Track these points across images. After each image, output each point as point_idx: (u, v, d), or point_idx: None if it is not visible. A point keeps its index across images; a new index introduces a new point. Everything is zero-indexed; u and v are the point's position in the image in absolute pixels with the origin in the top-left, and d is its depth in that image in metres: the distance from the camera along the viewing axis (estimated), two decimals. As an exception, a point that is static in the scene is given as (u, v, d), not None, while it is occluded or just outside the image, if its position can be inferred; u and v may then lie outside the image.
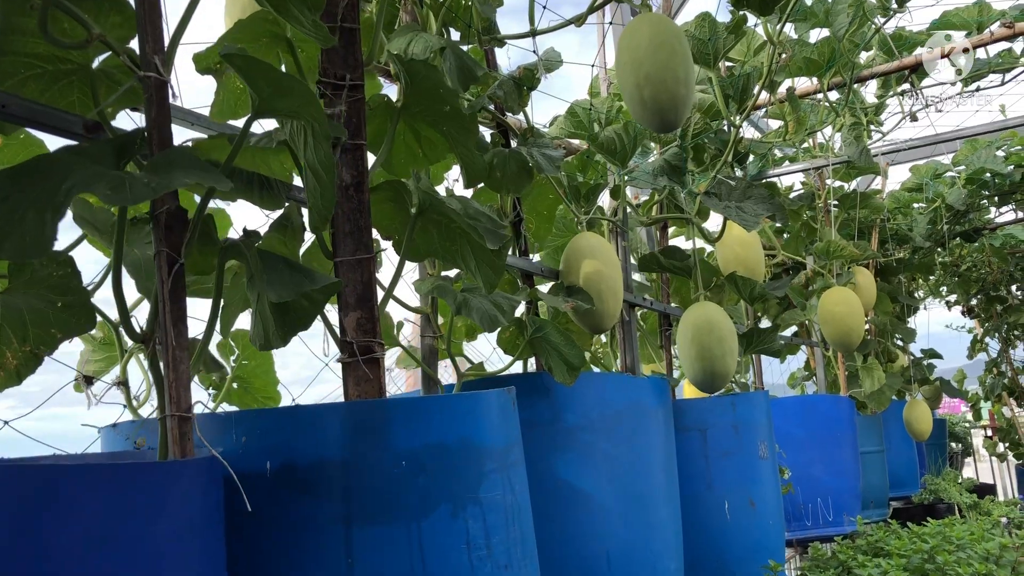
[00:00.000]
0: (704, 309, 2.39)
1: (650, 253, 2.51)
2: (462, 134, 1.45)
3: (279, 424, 1.30)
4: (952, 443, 8.41)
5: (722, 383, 2.39)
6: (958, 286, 6.99)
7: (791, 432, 4.11)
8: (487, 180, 2.06)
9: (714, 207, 2.42)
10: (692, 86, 1.64)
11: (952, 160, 4.96)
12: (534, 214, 2.38)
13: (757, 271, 2.97)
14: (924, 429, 5.09)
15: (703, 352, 2.35)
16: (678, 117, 1.63)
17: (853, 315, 3.09)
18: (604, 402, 2.13)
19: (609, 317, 2.15)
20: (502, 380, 2.06)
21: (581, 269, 2.14)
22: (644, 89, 1.62)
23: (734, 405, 2.93)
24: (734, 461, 2.91)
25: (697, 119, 2.54)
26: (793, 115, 3.09)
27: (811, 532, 4.01)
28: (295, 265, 1.05)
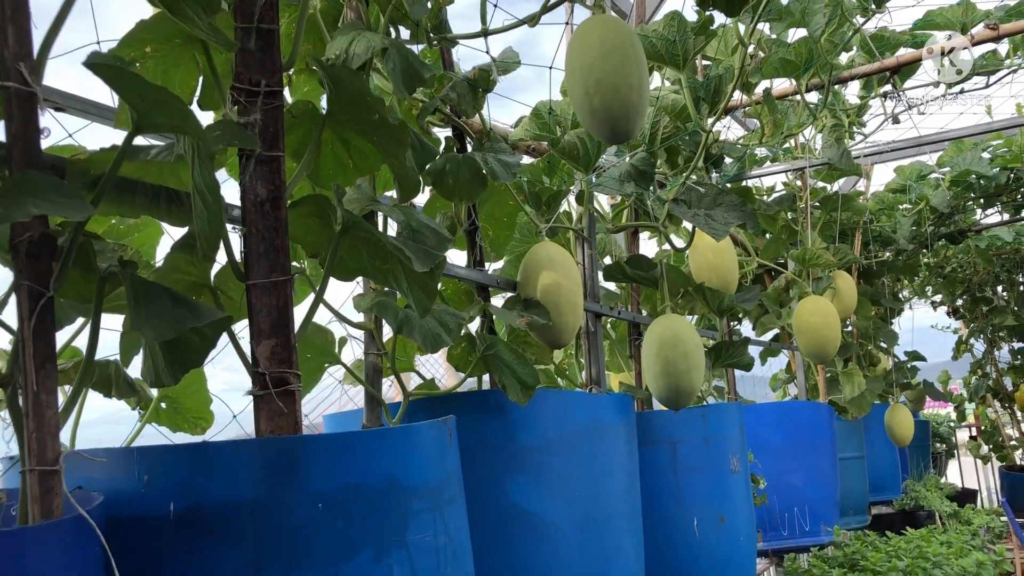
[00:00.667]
0: (670, 322, 2.29)
1: (615, 262, 2.41)
2: (392, 145, 1.34)
3: (184, 462, 1.19)
4: (936, 443, 8.36)
5: (687, 400, 2.29)
6: (943, 287, 6.92)
7: (768, 439, 4.02)
8: (438, 187, 1.95)
9: (682, 215, 2.31)
10: (646, 94, 1.53)
11: (937, 161, 4.87)
12: (493, 221, 2.26)
13: (730, 278, 2.87)
14: (905, 435, 5.01)
15: (667, 367, 2.24)
16: (631, 127, 1.52)
17: (829, 326, 3.00)
18: (562, 421, 2.02)
19: (567, 332, 2.04)
20: (452, 399, 1.95)
21: (539, 281, 2.03)
22: (594, 97, 1.51)
23: (705, 417, 2.83)
24: (704, 476, 2.81)
25: (667, 122, 2.44)
26: (769, 117, 2.98)
27: (787, 542, 3.92)
28: (180, 298, 0.94)
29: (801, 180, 4.40)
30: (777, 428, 4.02)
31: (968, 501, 6.29)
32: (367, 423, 1.80)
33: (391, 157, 1.36)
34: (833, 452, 4.15)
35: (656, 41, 2.25)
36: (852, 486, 4.79)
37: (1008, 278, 6.93)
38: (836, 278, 4.11)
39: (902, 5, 3.00)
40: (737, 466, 2.91)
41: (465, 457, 1.97)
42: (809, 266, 3.04)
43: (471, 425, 1.97)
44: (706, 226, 2.32)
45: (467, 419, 1.99)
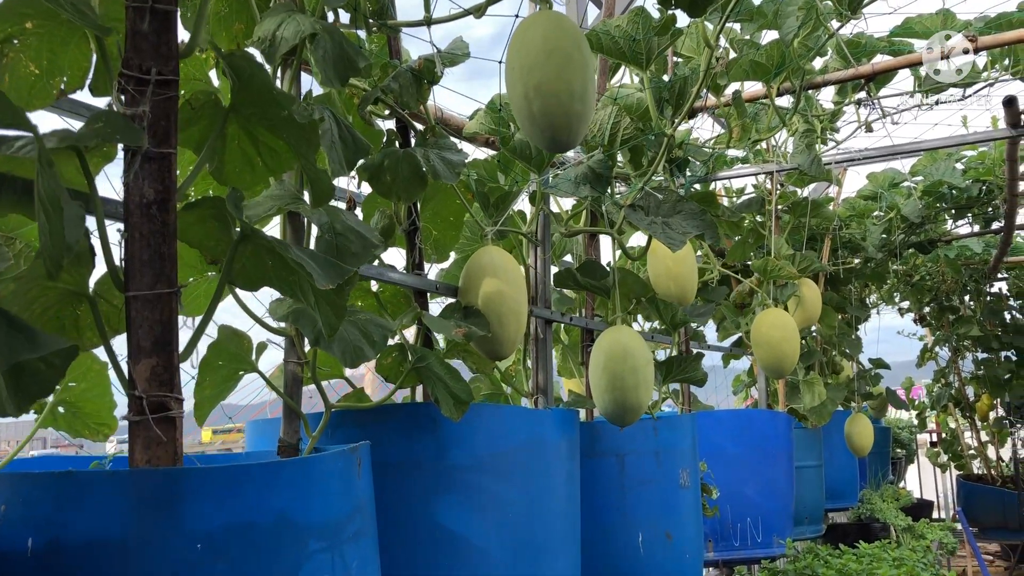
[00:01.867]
0: (619, 334, 2.17)
1: (566, 269, 2.29)
2: (302, 145, 1.21)
3: (46, 492, 1.06)
4: (897, 449, 8.35)
5: (633, 417, 2.18)
6: (911, 294, 6.88)
7: (724, 447, 3.93)
8: (375, 184, 1.82)
9: (638, 222, 2.20)
10: (591, 101, 1.41)
11: (910, 170, 4.79)
12: (438, 220, 2.14)
13: (689, 286, 2.76)
14: (865, 445, 4.96)
15: (614, 382, 2.13)
16: (572, 136, 1.40)
17: (788, 340, 2.90)
18: (498, 437, 1.91)
19: (509, 343, 1.92)
20: (382, 411, 1.83)
21: (480, 289, 1.91)
22: (533, 102, 1.38)
23: (656, 430, 2.73)
24: (652, 490, 2.72)
25: (628, 123, 2.31)
26: (738, 121, 2.87)
27: (738, 553, 3.85)
28: (17, 323, 0.81)
29: (771, 182, 4.31)
30: (734, 436, 3.94)
31: (925, 513, 6.28)
32: (284, 437, 1.67)
33: (302, 158, 1.23)
34: (789, 463, 4.07)
35: (619, 37, 2.13)
36: (808, 495, 4.73)
37: (975, 288, 6.89)
38: (801, 286, 4.03)
39: (879, 12, 2.89)
40: (687, 481, 2.81)
41: (391, 475, 1.85)
42: (770, 277, 2.94)
43: (400, 440, 1.85)
44: (663, 235, 2.21)
45: (396, 434, 1.87)
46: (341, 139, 1.61)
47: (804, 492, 4.66)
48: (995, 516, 6.86)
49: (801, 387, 4.36)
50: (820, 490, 4.84)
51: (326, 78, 1.56)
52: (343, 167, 1.57)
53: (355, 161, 1.62)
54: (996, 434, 7.15)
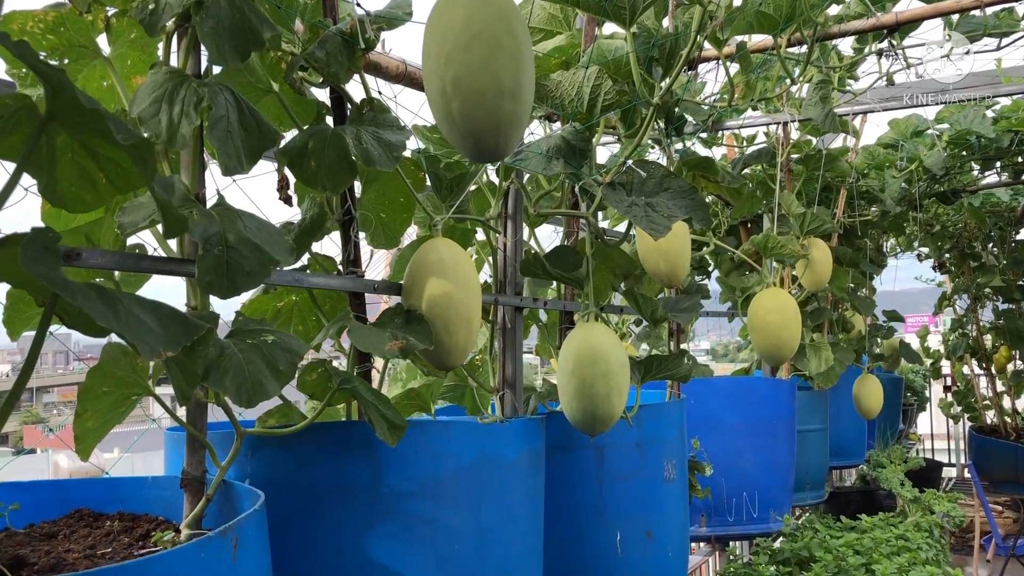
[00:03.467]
0: (589, 335, 1.92)
1: (533, 256, 2.02)
2: (138, 163, 0.94)
3: None
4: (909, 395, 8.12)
5: (603, 427, 1.94)
6: (930, 241, 6.56)
7: (723, 418, 3.71)
8: (297, 171, 1.56)
9: (617, 204, 1.92)
10: (526, 98, 1.13)
11: (936, 116, 4.43)
12: (386, 202, 1.87)
13: (680, 263, 2.49)
14: (873, 408, 4.72)
15: (583, 389, 1.89)
16: (501, 143, 1.12)
17: (787, 326, 2.63)
18: (443, 458, 1.68)
19: (458, 353, 1.67)
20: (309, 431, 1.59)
21: (425, 291, 1.65)
22: (452, 100, 1.10)
23: (640, 419, 2.50)
24: (634, 485, 2.50)
25: (609, 87, 2.02)
26: (742, 77, 2.56)
27: (732, 529, 3.65)
28: None
29: (783, 132, 3.98)
30: (732, 406, 3.71)
31: (934, 475, 6.08)
32: (187, 468, 1.44)
33: (145, 179, 0.97)
34: (791, 434, 3.85)
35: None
36: (811, 460, 4.52)
37: (1000, 235, 6.56)
38: (811, 246, 3.74)
39: (906, -45, 2.55)
40: (673, 473, 2.59)
41: (321, 504, 1.63)
42: (771, 255, 2.66)
43: (330, 464, 1.62)
44: (644, 220, 1.93)
45: (326, 456, 1.64)
46: (242, 126, 1.34)
47: (807, 456, 4.45)
48: (1007, 471, 6.66)
49: (807, 351, 4.10)
50: (824, 454, 4.63)
51: (219, 55, 1.29)
52: (241, 161, 1.31)
53: (259, 151, 1.35)
54: (1013, 387, 6.89)
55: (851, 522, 3.94)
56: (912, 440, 9.33)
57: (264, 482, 1.61)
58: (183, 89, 1.30)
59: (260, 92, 1.66)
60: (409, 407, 2.12)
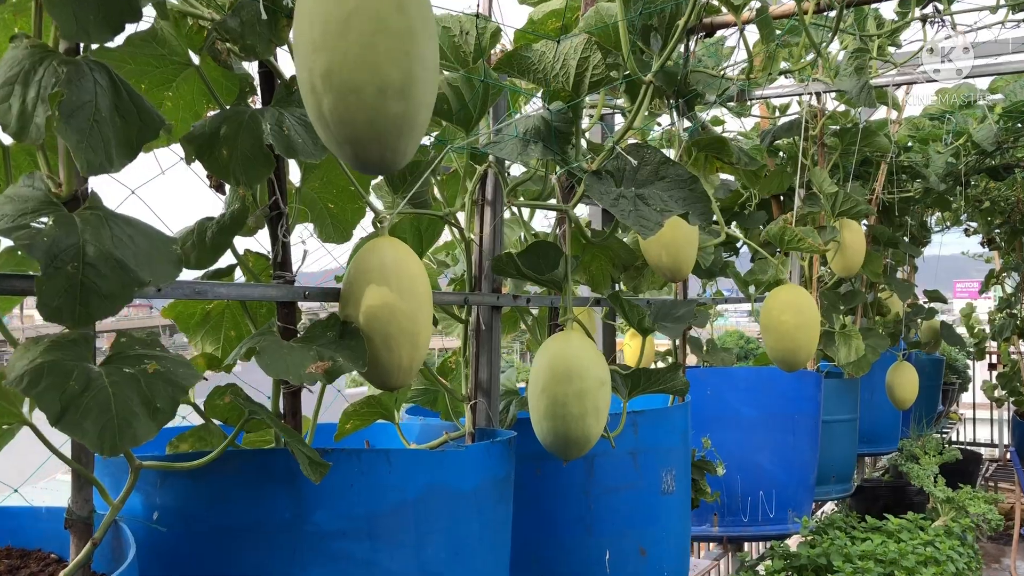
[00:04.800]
0: (565, 346, 1.68)
1: (506, 254, 1.78)
2: None
3: None
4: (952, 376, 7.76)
5: (578, 451, 1.71)
6: (979, 216, 6.17)
7: (740, 412, 3.46)
8: (207, 162, 1.33)
9: (601, 197, 1.67)
10: (421, 96, 0.89)
11: (989, 87, 4.07)
12: (332, 190, 1.64)
13: (684, 257, 2.24)
14: (907, 398, 4.43)
15: (555, 409, 1.66)
16: (387, 155, 0.88)
17: (804, 328, 2.35)
18: (382, 491, 1.47)
19: (400, 372, 1.45)
20: (224, 460, 1.38)
21: (363, 301, 1.42)
22: (323, 98, 0.86)
23: (636, 425, 2.27)
24: (627, 497, 2.27)
25: (598, 61, 1.75)
26: (763, 47, 2.27)
27: (746, 530, 3.42)
28: None
29: (818, 102, 3.67)
30: (751, 399, 3.45)
31: (970, 469, 5.76)
32: (72, 508, 1.25)
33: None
34: (814, 429, 3.58)
35: None
36: (838, 451, 4.26)
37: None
38: (842, 229, 3.44)
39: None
40: (672, 485, 2.36)
41: (237, 544, 1.43)
42: (788, 248, 2.38)
43: (248, 498, 1.41)
44: (632, 216, 1.68)
45: (243, 488, 1.43)
46: (118, 113, 1.12)
47: (834, 448, 4.19)
48: (1051, 459, 6.32)
49: (836, 339, 3.82)
50: (852, 446, 4.36)
51: (78, 28, 1.06)
52: (110, 157, 1.09)
53: (137, 143, 1.13)
54: (1062, 372, 6.52)
55: (876, 522, 3.68)
56: (953, 420, 8.97)
57: (174, 517, 1.41)
58: (42, 68, 1.08)
59: (176, 66, 1.43)
60: (369, 415, 1.91)
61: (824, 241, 3.35)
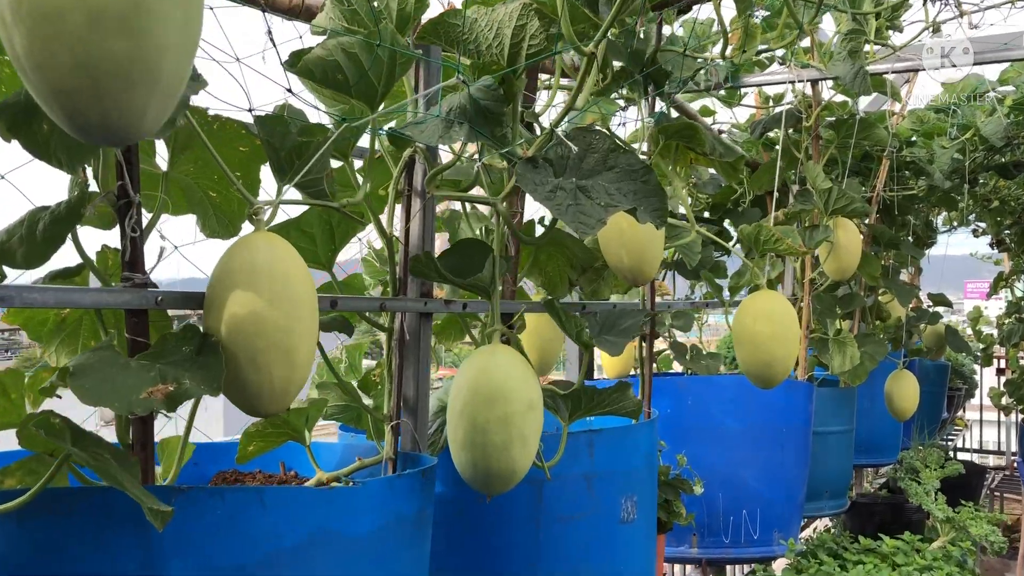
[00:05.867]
0: (490, 362, 1.43)
1: (425, 253, 1.53)
2: None
3: None
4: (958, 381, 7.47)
5: (503, 486, 1.47)
6: (988, 216, 5.89)
7: (723, 424, 3.20)
8: (24, 140, 1.08)
9: (534, 189, 1.41)
10: (161, 32, 0.64)
11: (999, 78, 3.79)
12: (214, 176, 1.39)
13: (648, 258, 1.99)
14: (907, 408, 4.17)
15: (474, 436, 1.41)
16: (110, 115, 0.63)
17: (780, 339, 2.08)
18: (255, 538, 1.22)
19: (273, 396, 1.20)
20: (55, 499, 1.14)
21: (226, 309, 1.17)
22: (14, 31, 0.60)
23: (591, 445, 2.02)
24: (580, 527, 2.02)
25: (536, 29, 1.50)
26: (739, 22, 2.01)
27: (728, 552, 3.17)
28: None
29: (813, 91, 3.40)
30: (736, 409, 3.19)
31: (974, 483, 5.49)
32: None
33: None
34: (804, 443, 3.33)
35: None
36: (832, 465, 4.00)
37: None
38: (837, 228, 3.19)
39: None
40: (633, 513, 2.10)
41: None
42: (764, 251, 2.12)
43: (84, 546, 1.17)
44: (572, 209, 1.43)
45: (78, 535, 1.19)
46: None
47: (827, 461, 3.93)
48: (1060, 471, 6.04)
49: (830, 347, 3.56)
50: (847, 460, 4.09)
51: None
52: None
53: None
54: (1073, 381, 6.24)
55: (870, 543, 3.42)
56: (959, 426, 8.69)
57: (-6, 567, 1.17)
58: None
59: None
60: (275, 436, 1.66)
61: (816, 241, 3.09)
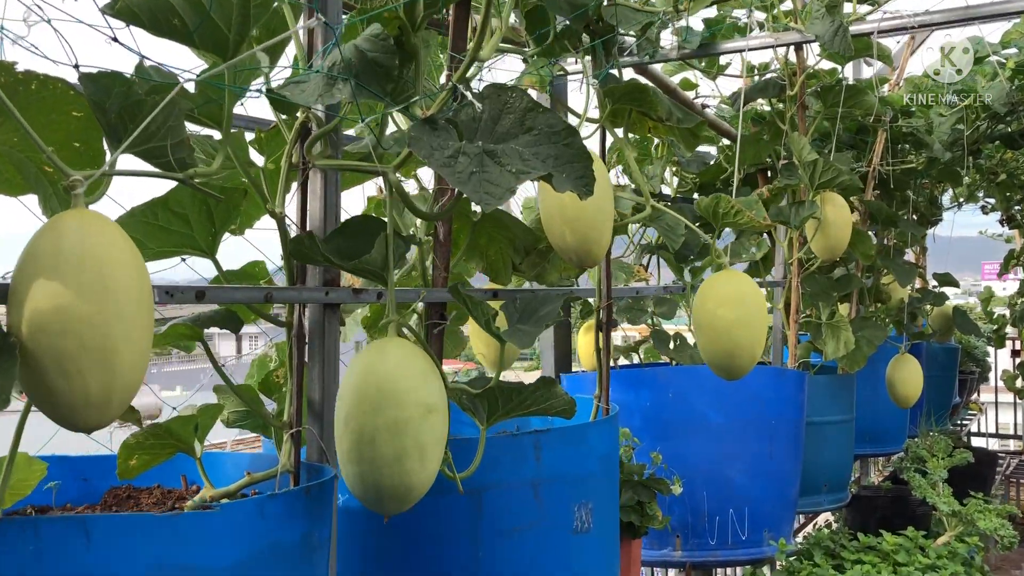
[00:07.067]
0: (379, 360, 1.21)
1: (307, 234, 1.31)
2: None
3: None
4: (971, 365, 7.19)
5: (398, 505, 1.25)
6: (996, 191, 5.63)
7: (708, 417, 2.97)
8: None
9: (427, 154, 1.20)
10: None
11: (1001, 40, 3.54)
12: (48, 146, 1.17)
13: (595, 237, 1.76)
14: (910, 395, 3.93)
15: (360, 448, 1.19)
16: None
17: (745, 325, 1.84)
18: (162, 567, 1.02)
19: (91, 408, 0.99)
20: None
21: (27, 303, 0.97)
22: None
23: (538, 447, 1.80)
24: (526, 541, 1.80)
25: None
26: (693, -33, 1.77)
27: (714, 554, 2.95)
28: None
29: (798, 58, 3.17)
30: (722, 402, 2.96)
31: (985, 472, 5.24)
32: None
33: None
34: (795, 437, 3.10)
35: None
36: (830, 457, 3.77)
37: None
38: (823, 203, 2.95)
39: None
40: (588, 521, 1.88)
41: None
42: (723, 225, 1.88)
43: None
44: (476, 178, 1.22)
45: None
46: None
47: (825, 453, 3.70)
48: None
49: (824, 331, 3.33)
50: (847, 451, 3.86)
51: None
52: None
53: None
54: (1089, 361, 5.98)
55: (869, 540, 3.20)
56: (973, 411, 8.41)
57: None
58: None
59: None
60: (159, 448, 1.45)
61: (801, 218, 2.86)
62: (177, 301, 1.22)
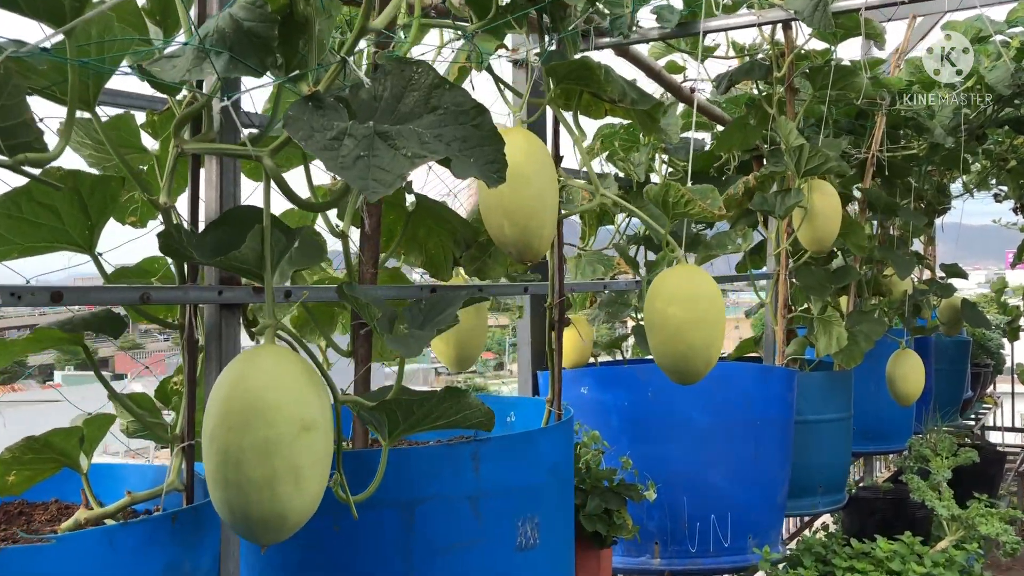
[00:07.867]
0: (249, 368, 1.07)
1: (176, 226, 1.17)
2: None
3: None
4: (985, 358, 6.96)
5: (272, 535, 1.09)
6: (1008, 179, 5.42)
7: (689, 417, 2.82)
8: None
9: (307, 136, 1.05)
10: None
11: (1006, 18, 3.35)
12: None
13: (534, 227, 1.61)
14: (911, 392, 3.75)
15: (226, 470, 1.05)
16: None
17: (699, 325, 1.67)
18: None
19: None
20: None
21: None
22: None
23: (476, 458, 1.66)
24: (464, 559, 1.66)
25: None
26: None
27: (695, 562, 2.79)
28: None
29: (785, 37, 3.00)
30: (704, 401, 2.80)
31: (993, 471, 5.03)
32: None
33: None
34: (784, 438, 2.94)
35: None
36: (826, 457, 3.59)
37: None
38: (812, 191, 2.78)
39: None
40: (534, 537, 1.74)
41: None
42: (674, 216, 1.72)
43: None
44: (361, 163, 1.07)
45: None
46: None
47: (821, 453, 3.53)
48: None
49: (815, 327, 3.16)
50: (844, 450, 3.69)
51: None
52: None
53: None
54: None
55: (864, 546, 3.03)
56: (988, 404, 8.19)
57: None
58: None
59: None
60: (39, 463, 1.32)
61: (787, 207, 2.70)
62: (26, 304, 1.08)
